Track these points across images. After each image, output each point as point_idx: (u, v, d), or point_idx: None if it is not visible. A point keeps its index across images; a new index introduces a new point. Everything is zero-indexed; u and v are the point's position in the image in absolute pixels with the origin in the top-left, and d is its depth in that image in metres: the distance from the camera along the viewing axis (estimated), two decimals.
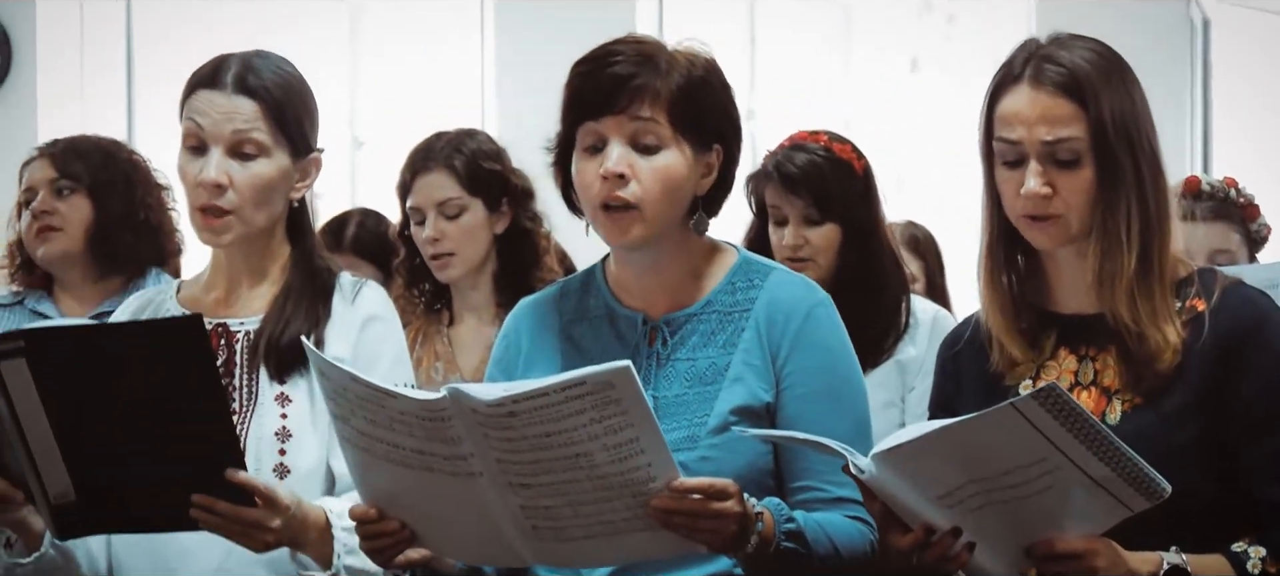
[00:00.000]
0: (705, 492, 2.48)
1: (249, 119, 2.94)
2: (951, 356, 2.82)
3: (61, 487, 2.67)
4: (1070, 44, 2.64)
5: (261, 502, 2.69)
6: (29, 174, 4.28)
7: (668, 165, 2.75)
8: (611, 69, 2.74)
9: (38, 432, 2.62)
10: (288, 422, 2.91)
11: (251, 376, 2.96)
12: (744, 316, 2.80)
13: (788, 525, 2.61)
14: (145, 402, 2.62)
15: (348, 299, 3.02)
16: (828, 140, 3.94)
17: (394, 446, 2.51)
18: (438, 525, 2.61)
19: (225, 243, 2.98)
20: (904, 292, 3.96)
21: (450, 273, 4.06)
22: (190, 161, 2.96)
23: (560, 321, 2.91)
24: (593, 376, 2.37)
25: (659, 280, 2.84)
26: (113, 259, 4.21)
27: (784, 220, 3.90)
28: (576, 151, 2.79)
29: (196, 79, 2.99)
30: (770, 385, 2.77)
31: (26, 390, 2.60)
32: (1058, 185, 2.60)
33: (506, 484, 2.46)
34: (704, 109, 2.78)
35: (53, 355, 2.60)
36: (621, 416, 2.39)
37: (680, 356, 2.80)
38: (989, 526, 2.47)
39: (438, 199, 4.03)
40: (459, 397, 2.41)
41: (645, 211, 2.74)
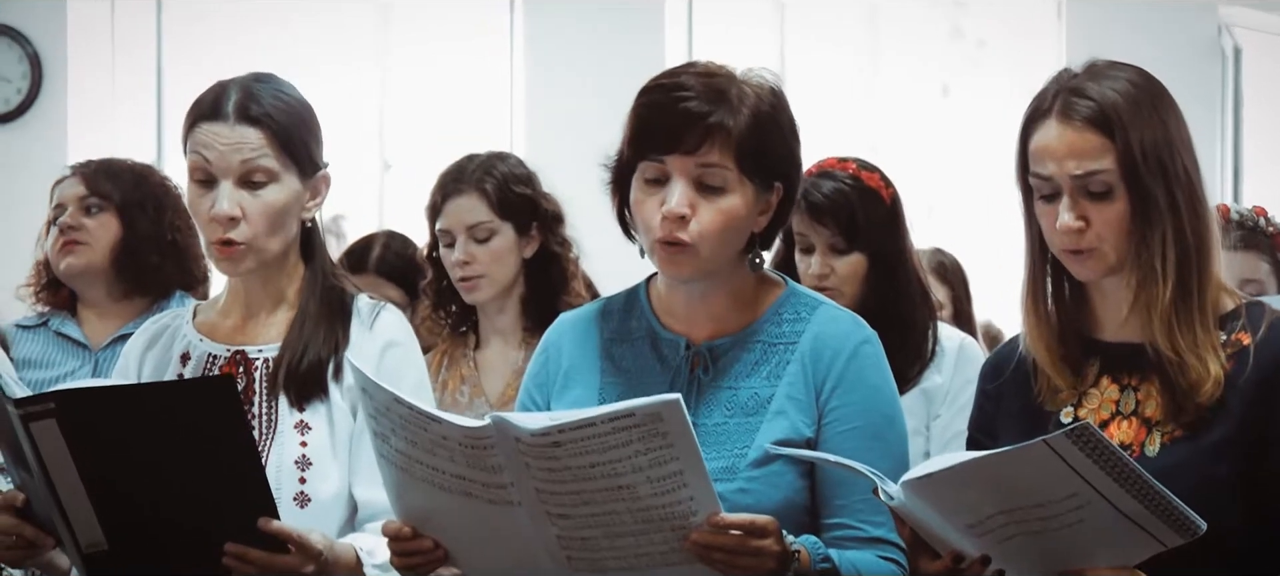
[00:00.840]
0: (745, 529, 2.47)
1: (256, 147, 2.92)
2: (994, 381, 2.80)
3: (93, 537, 2.66)
4: (1103, 74, 2.63)
5: (294, 549, 2.68)
6: (60, 192, 4.29)
7: (731, 208, 2.71)
8: (682, 104, 2.67)
9: (68, 487, 2.61)
10: (308, 451, 2.91)
11: (271, 404, 2.95)
12: (790, 349, 2.78)
13: (823, 565, 2.60)
14: (176, 458, 2.62)
15: (366, 324, 3.00)
16: (856, 168, 3.91)
17: (434, 470, 2.50)
18: (471, 547, 2.59)
19: (243, 272, 2.97)
20: (930, 321, 3.93)
21: (479, 295, 4.06)
22: (201, 196, 2.94)
23: (601, 339, 2.88)
24: (641, 408, 2.36)
25: (705, 307, 2.82)
26: (138, 279, 4.22)
27: (810, 248, 3.88)
28: (637, 180, 2.75)
29: (198, 111, 2.97)
30: (813, 420, 2.75)
31: (57, 448, 2.59)
32: (1091, 218, 2.59)
33: (545, 514, 2.45)
34: (771, 150, 2.73)
35: (83, 416, 2.59)
36: (667, 449, 2.38)
37: (723, 385, 2.78)
38: (1019, 555, 2.45)
39: (468, 222, 4.02)
40: (503, 426, 2.40)
41: (702, 250, 2.71)
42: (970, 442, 2.81)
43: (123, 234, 4.21)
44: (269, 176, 2.93)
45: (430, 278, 4.18)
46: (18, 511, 2.72)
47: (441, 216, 4.07)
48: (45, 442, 2.58)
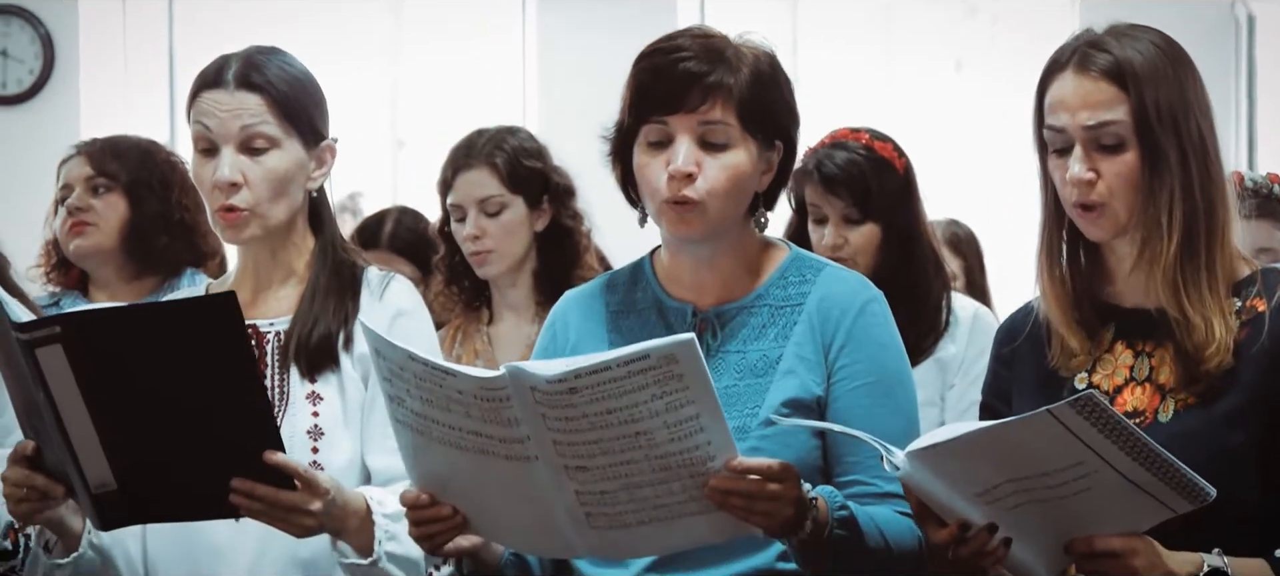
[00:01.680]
0: (763, 473, 2.46)
1: (256, 113, 2.93)
2: (1008, 345, 2.79)
3: (102, 477, 2.65)
4: (1125, 33, 2.62)
5: (300, 485, 2.67)
6: (66, 172, 4.29)
7: (735, 163, 2.72)
8: (682, 65, 2.70)
9: (76, 421, 2.61)
10: (320, 421, 2.90)
11: (283, 376, 2.95)
12: (796, 310, 2.79)
13: (841, 512, 2.59)
14: (182, 385, 2.61)
15: (376, 294, 2.99)
16: (869, 138, 3.92)
17: (450, 427, 2.49)
18: (490, 511, 2.59)
19: (246, 238, 2.96)
20: (944, 291, 3.94)
21: (490, 270, 4.06)
22: (203, 165, 2.95)
23: (607, 313, 2.89)
24: (657, 349, 2.35)
25: (712, 273, 2.83)
26: (147, 258, 4.23)
27: (824, 219, 3.88)
28: (639, 145, 2.77)
29: (200, 81, 2.98)
30: (822, 379, 2.76)
31: (64, 377, 2.58)
32: (1101, 170, 2.58)
33: (562, 467, 2.45)
34: (771, 107, 2.76)
35: (88, 339, 2.59)
36: (683, 393, 2.37)
37: (731, 349, 2.79)
38: (1027, 523, 2.45)
39: (479, 196, 4.02)
40: (518, 375, 2.40)
41: (709, 207, 2.72)
42: (984, 409, 2.81)
43: (130, 214, 4.21)
44: (270, 142, 2.93)
45: (443, 253, 4.18)
46: (29, 460, 2.71)
47: (452, 191, 4.07)
48: (51, 370, 2.58)
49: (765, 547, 2.68)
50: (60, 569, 2.88)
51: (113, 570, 2.92)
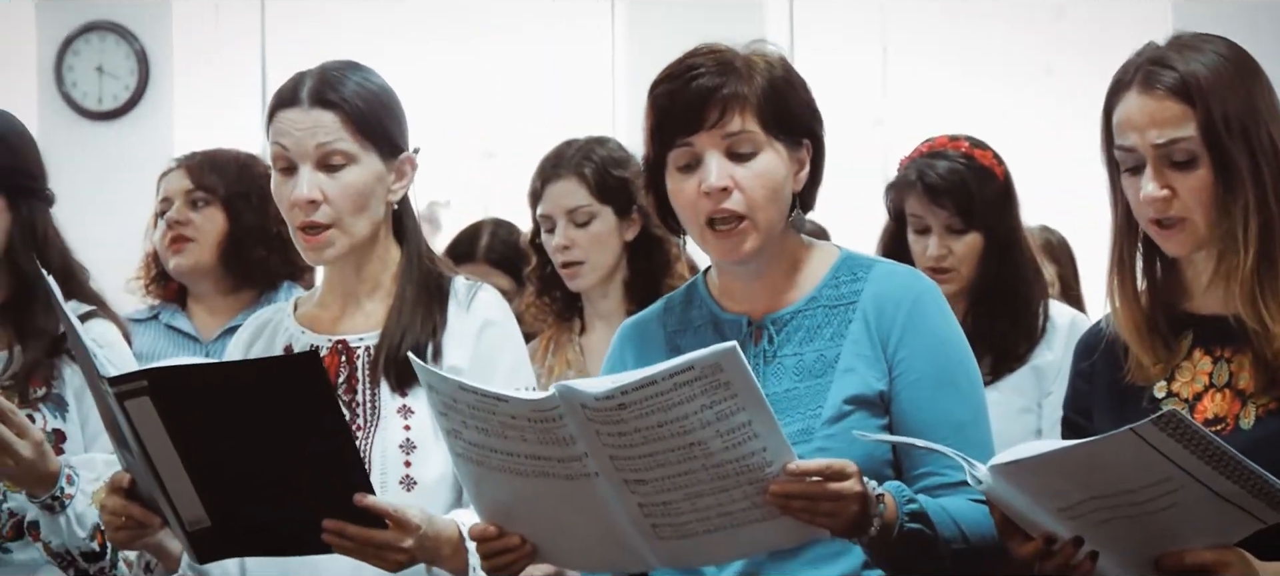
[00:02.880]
0: (823, 474, 2.46)
1: (331, 130, 2.93)
2: (1087, 359, 2.77)
3: (195, 514, 2.68)
4: (1188, 45, 2.61)
5: (392, 524, 2.68)
6: (165, 185, 4.32)
7: (766, 169, 2.74)
8: (696, 83, 2.73)
9: (168, 464, 2.64)
10: (411, 434, 2.91)
11: (373, 390, 2.96)
12: (850, 309, 2.79)
13: (910, 506, 2.58)
14: (270, 434, 2.63)
15: (463, 305, 3.00)
16: (969, 147, 3.91)
17: (507, 454, 2.50)
18: (558, 536, 2.60)
19: (330, 258, 2.98)
20: (1042, 298, 3.93)
21: (581, 282, 4.06)
22: (283, 184, 2.97)
23: (665, 335, 2.90)
24: (700, 359, 2.35)
25: (763, 282, 2.83)
26: (245, 272, 4.25)
27: (926, 229, 3.87)
28: (670, 172, 2.78)
29: (276, 100, 3.00)
30: (883, 374, 2.75)
31: (153, 425, 2.61)
32: (1176, 187, 2.57)
33: (622, 481, 2.45)
34: (790, 107, 2.78)
35: (175, 392, 2.61)
36: (732, 400, 2.37)
37: (788, 353, 2.79)
38: (1114, 537, 2.43)
39: (568, 206, 4.02)
40: (568, 394, 2.40)
41: (754, 219, 2.74)
42: (1065, 423, 2.79)
43: (229, 227, 4.24)
44: (347, 158, 2.94)
45: (534, 264, 4.18)
46: (125, 492, 2.74)
47: (542, 201, 4.07)
48: (141, 420, 2.60)
49: (848, 553, 2.67)
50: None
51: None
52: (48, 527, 3.04)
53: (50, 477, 2.99)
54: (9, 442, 2.90)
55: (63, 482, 3.00)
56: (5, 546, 3.21)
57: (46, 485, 2.99)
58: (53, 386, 3.22)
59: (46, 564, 3.14)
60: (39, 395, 3.21)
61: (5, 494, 3.18)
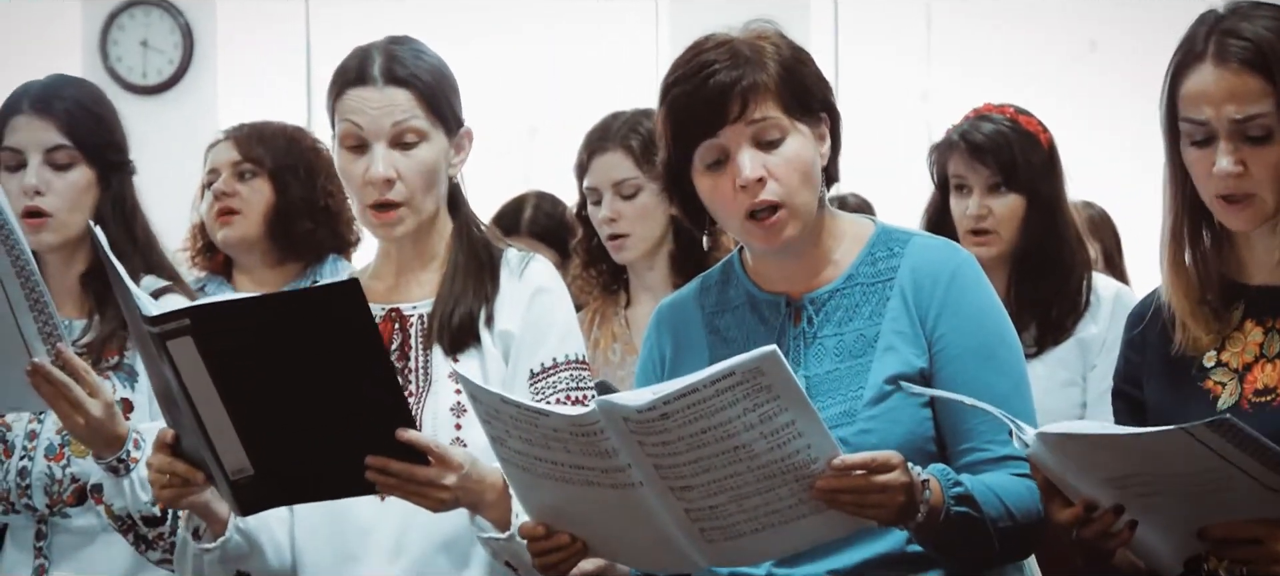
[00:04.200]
0: (868, 467, 2.46)
1: (406, 108, 2.96)
2: (1138, 331, 2.76)
3: (239, 463, 2.69)
4: (1250, 14, 2.57)
5: (434, 461, 2.70)
6: (213, 156, 4.35)
7: (796, 153, 2.73)
8: (713, 78, 2.70)
9: (211, 409, 2.64)
10: (463, 398, 2.90)
11: (426, 356, 2.99)
12: (888, 285, 2.77)
13: (955, 489, 2.58)
14: (312, 370, 2.63)
15: (516, 273, 3.02)
16: (1014, 112, 3.94)
17: (552, 464, 2.50)
18: (607, 536, 2.60)
19: (399, 234, 3.00)
20: (1086, 270, 3.93)
21: (627, 254, 4.07)
22: (353, 161, 2.98)
23: (703, 316, 2.89)
24: (741, 365, 2.34)
25: (798, 261, 2.81)
26: (291, 244, 4.27)
27: (968, 189, 3.88)
28: (697, 171, 2.76)
29: (343, 78, 3.01)
30: (923, 350, 2.74)
31: (196, 367, 2.61)
32: (1249, 162, 2.53)
33: (668, 488, 2.45)
34: (806, 84, 2.76)
35: (217, 330, 2.61)
36: (775, 402, 2.37)
37: (827, 333, 2.78)
38: (1157, 509, 2.42)
39: (614, 179, 4.03)
40: (609, 408, 2.40)
41: (792, 205, 2.72)
42: (1115, 394, 2.78)
43: (276, 199, 4.26)
44: (419, 136, 2.97)
45: (580, 236, 4.19)
46: (170, 448, 2.76)
47: (588, 174, 4.08)
48: (183, 361, 2.61)
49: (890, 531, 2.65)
50: (208, 553, 2.92)
51: (259, 554, 2.97)
52: (112, 490, 3.07)
53: (118, 440, 3.02)
54: (80, 400, 2.94)
55: (129, 446, 3.03)
56: (65, 511, 3.24)
57: (114, 447, 3.02)
58: (125, 356, 3.26)
59: (104, 530, 3.18)
60: (111, 364, 3.24)
61: (69, 459, 3.22)
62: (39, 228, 3.25)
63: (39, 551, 3.27)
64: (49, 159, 3.26)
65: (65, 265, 3.32)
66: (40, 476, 3.23)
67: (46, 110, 3.27)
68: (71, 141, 3.27)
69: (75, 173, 3.28)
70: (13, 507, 3.27)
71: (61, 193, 3.26)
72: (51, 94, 3.31)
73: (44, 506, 3.25)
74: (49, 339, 2.92)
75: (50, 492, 3.24)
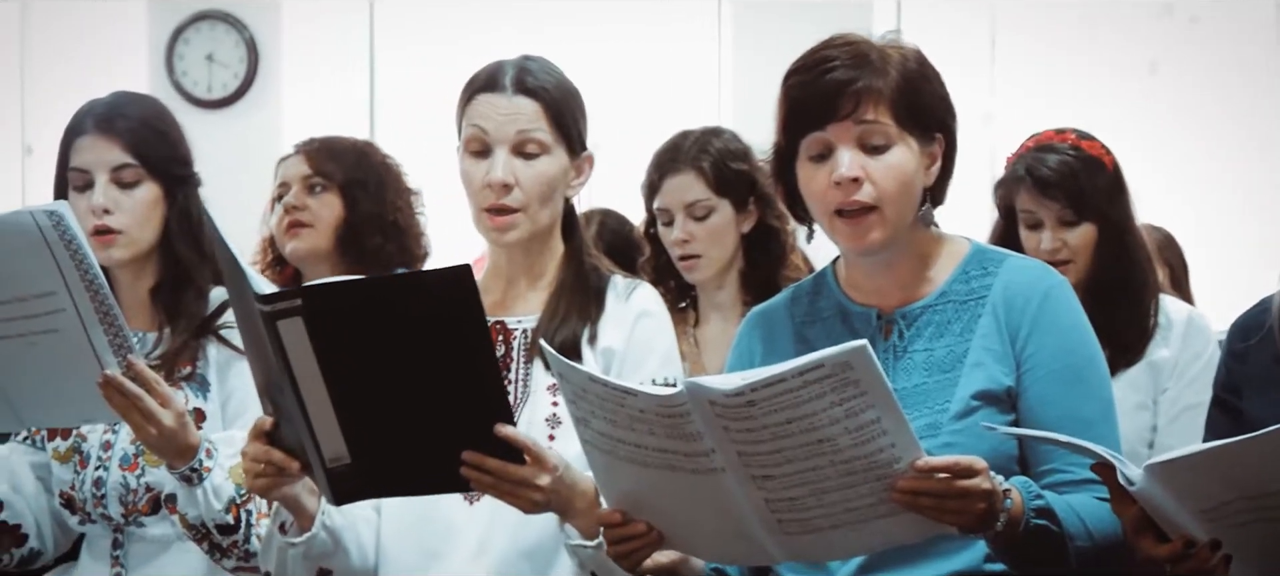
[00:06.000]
0: (951, 471, 2.45)
1: (531, 118, 3.03)
2: (1242, 341, 2.77)
3: (336, 451, 2.69)
4: None
5: (529, 459, 2.70)
6: (284, 170, 4.37)
7: (898, 163, 2.74)
8: (830, 75, 2.72)
9: (314, 393, 2.65)
10: (558, 411, 2.95)
11: (527, 369, 3.03)
12: (980, 303, 2.78)
13: (1036, 502, 2.57)
14: (417, 357, 2.64)
15: (622, 296, 3.08)
16: (1076, 138, 3.90)
17: (635, 446, 2.51)
18: (684, 525, 2.60)
19: (511, 241, 3.05)
20: (1156, 293, 3.91)
21: (698, 275, 4.08)
22: (474, 165, 3.04)
23: (793, 325, 2.91)
24: (830, 358, 2.34)
25: (891, 275, 2.83)
26: (360, 259, 4.28)
27: (1038, 224, 3.86)
28: (801, 161, 2.78)
29: (475, 85, 3.08)
30: (1011, 369, 2.74)
31: (303, 348, 2.62)
32: None
33: (749, 477, 2.45)
34: (924, 101, 2.77)
35: (327, 310, 2.62)
36: (861, 398, 2.36)
37: (917, 348, 2.79)
38: (1252, 541, 2.42)
39: (686, 200, 4.04)
40: (697, 391, 2.40)
41: (884, 211, 2.74)
42: (1215, 403, 2.79)
43: (345, 213, 4.29)
44: (542, 148, 3.04)
45: (649, 255, 4.21)
46: (267, 436, 2.77)
47: (659, 194, 4.09)
48: (291, 342, 2.62)
49: (971, 546, 2.66)
50: (293, 548, 2.94)
51: (343, 553, 2.99)
52: (185, 499, 3.09)
53: (190, 450, 3.04)
54: (152, 411, 2.96)
55: (202, 455, 3.05)
56: (140, 520, 3.26)
57: (186, 456, 3.04)
58: (197, 367, 3.27)
59: (179, 538, 3.20)
60: (183, 375, 3.26)
61: (143, 469, 3.24)
62: (109, 244, 3.27)
63: (115, 560, 3.29)
64: (115, 177, 3.27)
65: (135, 279, 3.34)
66: (115, 486, 3.26)
67: (111, 129, 3.29)
68: (137, 159, 3.28)
69: (142, 189, 3.29)
70: (89, 517, 3.30)
71: (129, 210, 3.28)
72: (115, 112, 3.32)
73: (120, 516, 3.27)
74: (119, 351, 2.94)
75: (125, 502, 3.26)
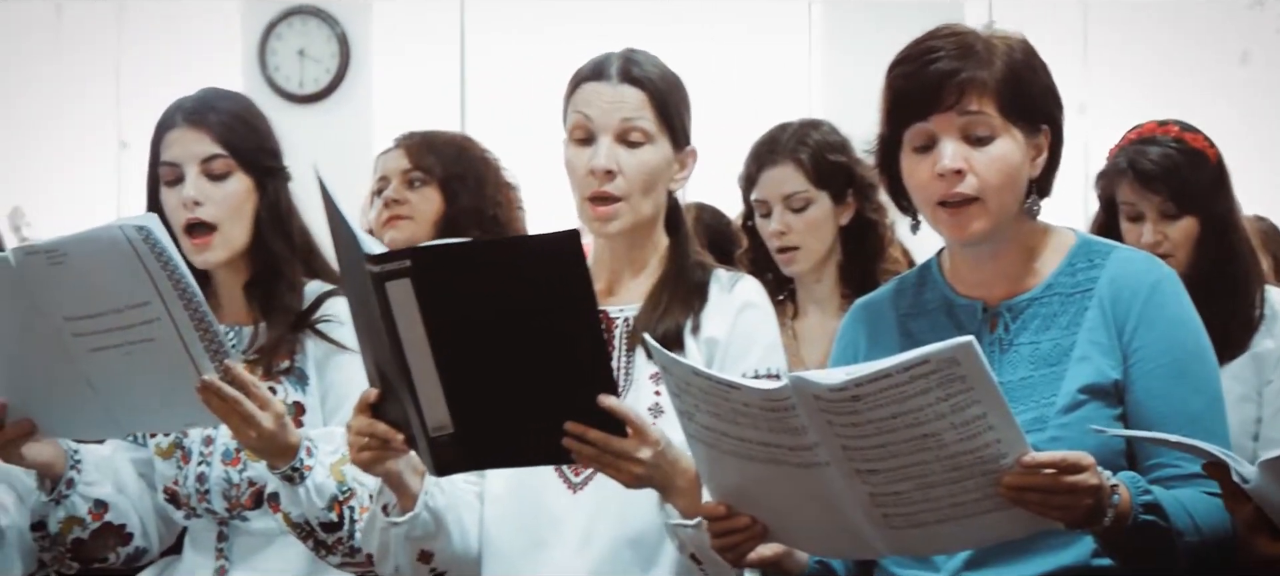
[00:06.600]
0: (1058, 467, 2.42)
1: (636, 107, 3.03)
2: None
3: (440, 419, 2.68)
4: None
5: (632, 432, 2.70)
6: (383, 164, 4.39)
7: (1003, 154, 2.71)
8: (934, 65, 2.70)
9: (419, 359, 2.65)
10: (661, 400, 2.94)
11: (628, 359, 3.03)
12: (1086, 296, 2.76)
13: (1144, 497, 2.55)
14: (523, 322, 2.63)
15: (726, 288, 3.07)
16: (1179, 131, 3.87)
17: (740, 440, 2.49)
18: (789, 518, 2.59)
19: (613, 230, 3.05)
20: (1260, 284, 3.88)
21: (797, 267, 4.07)
22: (578, 153, 3.05)
23: (897, 317, 2.90)
24: (936, 354, 2.33)
25: (996, 267, 2.81)
26: None
27: (1139, 216, 3.84)
28: (905, 151, 2.77)
29: (580, 75, 3.09)
30: (1118, 362, 2.72)
31: (410, 312, 2.62)
32: None
33: (854, 471, 2.44)
34: (1030, 92, 2.74)
35: (436, 273, 2.62)
36: (967, 393, 2.35)
37: (1023, 341, 2.77)
38: None
39: (784, 192, 4.03)
40: (801, 385, 2.39)
41: (987, 203, 2.72)
42: None
43: (445, 208, 4.30)
44: (645, 137, 3.04)
45: (745, 247, 4.20)
46: (372, 409, 2.78)
47: (756, 187, 4.08)
48: (399, 305, 2.61)
49: (1078, 541, 2.64)
50: (396, 527, 2.95)
51: (444, 535, 2.99)
52: (288, 498, 3.10)
53: (290, 449, 3.04)
54: (251, 415, 2.96)
55: (302, 454, 3.05)
56: (244, 515, 3.29)
57: (287, 456, 3.05)
58: (295, 361, 3.28)
59: (283, 532, 3.20)
60: (282, 369, 3.27)
61: (245, 463, 3.26)
62: (205, 247, 3.28)
63: (220, 553, 3.31)
64: (206, 169, 3.28)
65: (229, 274, 3.35)
66: (218, 481, 3.27)
67: (200, 121, 3.30)
68: (226, 150, 3.29)
69: (232, 181, 3.30)
70: (194, 512, 3.32)
71: (220, 202, 3.29)
72: (204, 106, 3.34)
73: (224, 510, 3.29)
74: (216, 356, 2.94)
75: (228, 497, 3.28)
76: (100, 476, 3.27)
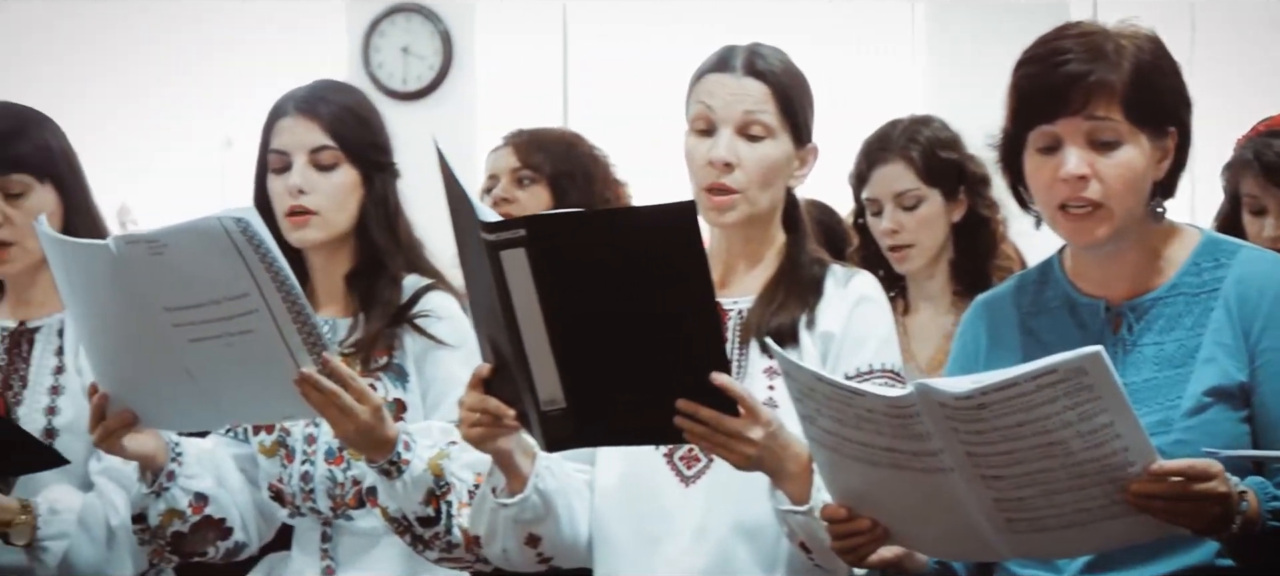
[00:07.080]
0: (1186, 475, 2.41)
1: (758, 100, 3.02)
2: None
3: (552, 393, 2.67)
4: None
5: (744, 412, 2.68)
6: (492, 162, 4.41)
7: (1128, 160, 2.67)
8: (1063, 67, 2.66)
9: (532, 330, 2.64)
10: (775, 394, 2.93)
11: (742, 352, 3.02)
12: (1212, 296, 2.72)
13: (1273, 503, 2.52)
14: (637, 295, 2.61)
15: (841, 283, 3.06)
16: None
17: (862, 445, 2.49)
18: (910, 521, 2.59)
19: (729, 221, 3.04)
20: None
21: (909, 265, 4.06)
22: (698, 143, 3.04)
23: (1018, 315, 2.87)
24: (1064, 363, 2.31)
25: (1119, 266, 2.78)
26: None
27: (1263, 210, 3.81)
28: (1029, 151, 2.74)
29: (704, 66, 3.08)
30: (1244, 364, 2.68)
31: (525, 282, 2.61)
32: None
33: (979, 477, 2.43)
34: (1158, 95, 2.70)
35: (551, 243, 2.61)
36: (1095, 402, 2.33)
37: (1146, 342, 2.74)
38: None
39: (896, 190, 4.02)
40: (927, 393, 2.38)
41: (1111, 209, 2.68)
42: None
43: (554, 205, 4.31)
44: (766, 131, 3.03)
45: (857, 244, 4.19)
46: (485, 384, 2.77)
47: (867, 185, 4.07)
48: (513, 274, 2.60)
49: (1202, 544, 2.62)
50: (505, 508, 2.95)
51: (553, 519, 2.98)
52: (385, 492, 3.10)
53: (388, 443, 3.04)
54: (349, 407, 2.96)
55: (400, 448, 3.05)
56: (348, 513, 3.30)
57: (384, 450, 3.05)
58: (394, 356, 3.29)
59: (387, 532, 3.21)
60: (380, 364, 3.28)
61: (348, 462, 3.27)
62: (302, 225, 3.29)
63: (325, 553, 3.33)
64: (313, 159, 3.30)
65: (330, 264, 3.36)
66: (322, 480, 3.29)
67: (311, 112, 3.32)
68: (335, 142, 3.31)
69: (339, 173, 3.32)
70: (299, 510, 3.34)
71: (326, 192, 3.30)
72: (316, 97, 3.35)
73: (328, 509, 3.30)
74: (314, 348, 2.94)
75: (333, 495, 3.29)
76: (201, 470, 3.29)
